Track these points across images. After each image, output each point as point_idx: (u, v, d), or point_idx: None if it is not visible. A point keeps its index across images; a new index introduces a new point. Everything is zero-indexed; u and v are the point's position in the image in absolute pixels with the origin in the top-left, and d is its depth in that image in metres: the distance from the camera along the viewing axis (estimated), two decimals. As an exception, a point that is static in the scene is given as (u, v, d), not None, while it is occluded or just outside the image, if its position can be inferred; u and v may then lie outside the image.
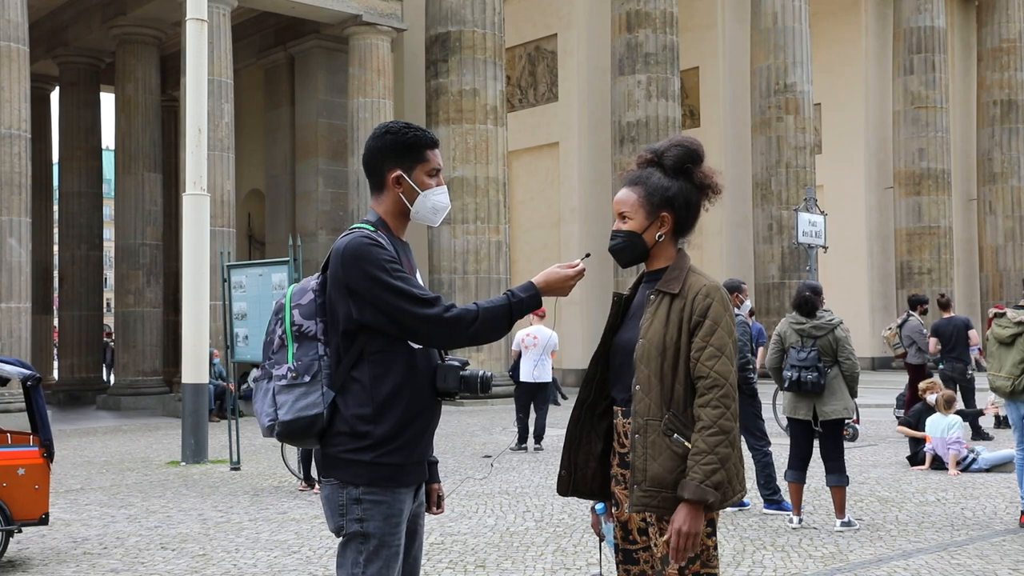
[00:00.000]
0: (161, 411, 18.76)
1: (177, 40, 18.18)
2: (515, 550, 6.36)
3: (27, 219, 15.40)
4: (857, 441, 11.63)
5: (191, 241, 11.78)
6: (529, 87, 25.33)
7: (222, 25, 17.65)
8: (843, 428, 7.20)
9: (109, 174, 28.57)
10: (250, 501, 8.57)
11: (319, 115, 21.92)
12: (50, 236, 26.53)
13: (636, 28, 21.07)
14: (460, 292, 18.68)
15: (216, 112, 16.84)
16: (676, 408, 2.70)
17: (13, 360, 6.69)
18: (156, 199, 21.28)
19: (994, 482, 8.83)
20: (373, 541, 2.75)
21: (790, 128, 22.85)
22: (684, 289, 2.77)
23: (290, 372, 2.77)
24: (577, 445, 2.93)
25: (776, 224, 22.81)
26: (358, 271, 2.73)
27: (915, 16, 26.66)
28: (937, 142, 26.63)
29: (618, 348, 2.88)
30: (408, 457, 2.79)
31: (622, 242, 2.87)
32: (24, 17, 15.46)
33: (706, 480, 2.60)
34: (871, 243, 27.80)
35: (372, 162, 2.91)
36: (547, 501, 8.14)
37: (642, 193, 2.84)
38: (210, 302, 12.25)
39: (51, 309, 26.72)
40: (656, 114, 20.93)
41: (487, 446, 12.08)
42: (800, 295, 7.13)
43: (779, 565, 5.85)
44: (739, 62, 24.73)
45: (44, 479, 6.24)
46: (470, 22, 19.03)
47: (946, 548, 6.26)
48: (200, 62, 12.01)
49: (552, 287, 2.86)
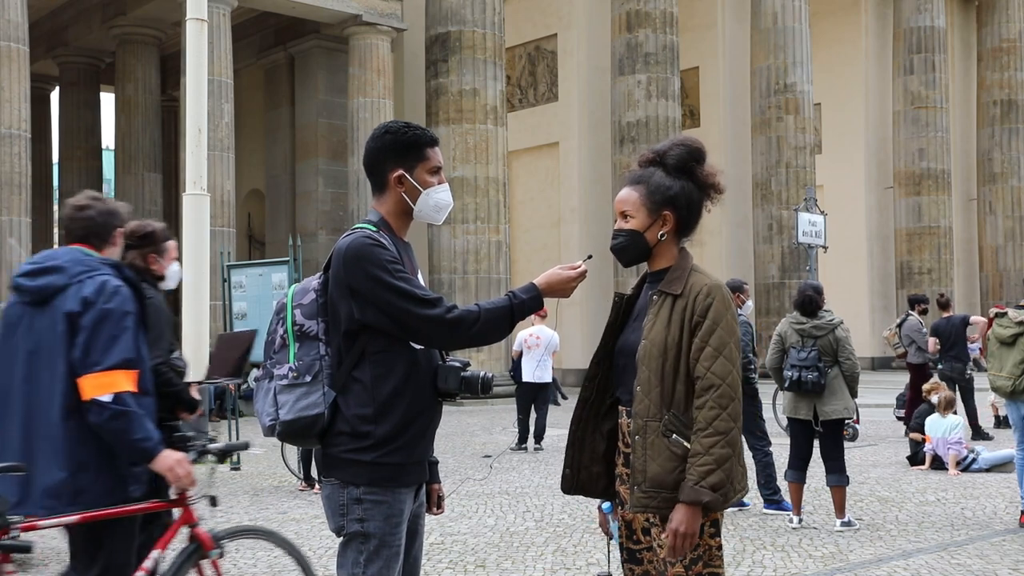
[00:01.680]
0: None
1: (177, 40, 18.18)
2: (515, 550, 6.36)
3: (27, 219, 15.40)
4: (857, 441, 11.63)
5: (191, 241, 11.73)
6: (529, 87, 25.33)
7: (222, 25, 17.66)
8: (843, 428, 7.20)
9: (109, 174, 28.55)
10: (250, 501, 8.57)
11: (319, 115, 21.92)
12: (50, 236, 26.52)
13: (636, 28, 21.06)
14: (460, 292, 18.68)
15: (216, 112, 16.84)
16: (677, 408, 2.70)
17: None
18: (156, 199, 21.29)
19: (994, 482, 8.83)
20: (374, 541, 2.76)
21: (790, 128, 22.85)
22: (686, 289, 2.78)
23: (291, 372, 2.78)
24: (581, 444, 2.93)
25: (776, 224, 22.81)
26: (360, 271, 2.73)
27: (915, 16, 26.66)
28: (937, 142, 26.62)
29: (622, 349, 2.89)
30: (409, 457, 2.80)
31: (624, 241, 2.87)
32: (24, 17, 15.47)
33: (701, 481, 2.61)
34: (871, 243, 27.80)
35: (373, 162, 2.91)
36: (547, 501, 8.14)
37: (644, 192, 2.85)
38: (210, 302, 12.24)
39: (51, 309, 26.69)
40: (656, 114, 20.93)
41: (487, 446, 12.08)
42: (802, 295, 7.13)
43: (779, 565, 5.85)
44: (739, 62, 24.73)
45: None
46: (470, 22, 19.03)
47: (946, 548, 6.27)
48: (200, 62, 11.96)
49: (554, 288, 2.86)
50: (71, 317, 3.16)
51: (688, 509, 2.62)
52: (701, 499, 2.60)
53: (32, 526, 3.05)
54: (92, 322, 3.13)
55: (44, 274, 3.26)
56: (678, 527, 2.62)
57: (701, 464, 2.62)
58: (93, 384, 3.06)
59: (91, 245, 3.40)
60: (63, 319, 3.17)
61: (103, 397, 3.06)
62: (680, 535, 2.62)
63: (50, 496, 3.11)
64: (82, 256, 3.31)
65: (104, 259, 3.35)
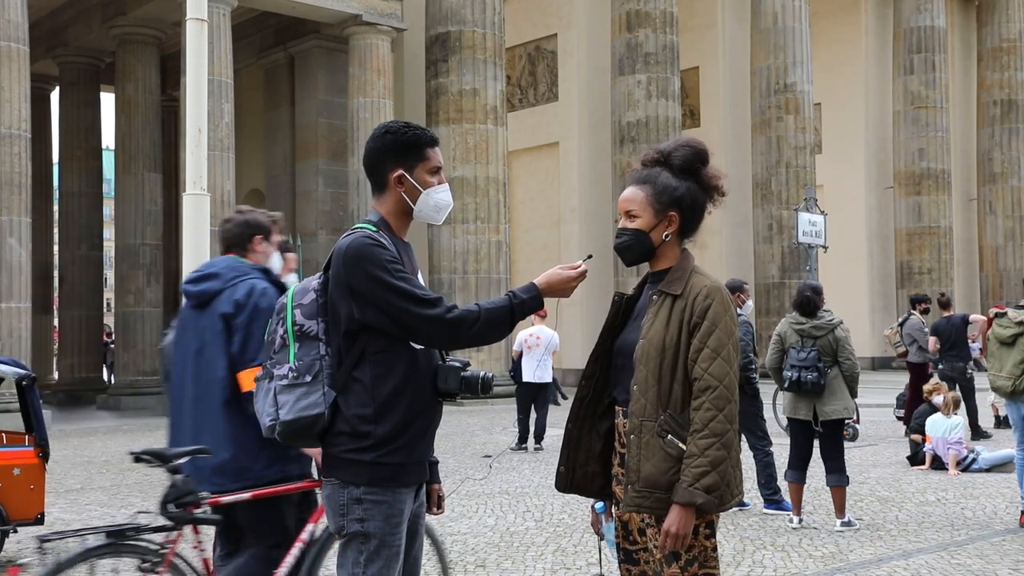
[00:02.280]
0: (161, 411, 18.72)
1: (177, 40, 18.18)
2: (515, 550, 6.36)
3: (27, 219, 15.40)
4: (857, 441, 11.63)
5: (191, 241, 11.73)
6: (529, 87, 25.33)
7: (222, 25, 17.65)
8: (843, 428, 7.20)
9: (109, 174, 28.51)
10: (250, 501, 8.57)
11: (319, 115, 21.91)
12: (50, 236, 26.53)
13: (636, 28, 21.06)
14: (460, 292, 18.67)
15: (216, 112, 16.83)
16: (674, 409, 2.71)
17: (8, 360, 6.67)
18: (156, 199, 21.27)
19: (994, 482, 8.83)
20: (374, 541, 2.76)
21: (790, 128, 22.84)
22: (686, 290, 2.78)
23: (291, 372, 2.78)
24: (577, 443, 2.93)
25: (776, 224, 22.81)
26: (360, 271, 2.73)
27: (915, 16, 26.65)
28: (937, 142, 26.62)
29: (621, 349, 2.89)
30: (409, 457, 2.80)
31: (629, 240, 2.87)
32: (24, 17, 15.46)
33: (695, 483, 2.61)
34: (871, 243, 27.80)
35: (373, 163, 2.91)
36: (547, 501, 8.14)
37: (650, 192, 2.85)
38: (210, 302, 12.25)
39: (51, 309, 26.71)
40: (656, 114, 20.92)
41: (487, 446, 12.08)
42: (801, 295, 7.13)
43: (779, 565, 5.85)
44: (739, 62, 24.73)
45: (39, 479, 6.21)
46: (470, 22, 19.03)
47: (946, 548, 6.27)
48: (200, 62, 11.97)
49: (554, 288, 2.87)
50: (226, 318, 3.63)
51: (682, 510, 2.63)
52: (695, 501, 2.61)
53: (216, 501, 3.48)
54: (245, 322, 3.60)
55: (203, 280, 3.75)
56: (671, 528, 2.63)
57: (696, 466, 2.62)
58: (250, 378, 3.43)
59: (235, 253, 3.88)
60: (220, 320, 3.63)
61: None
62: (673, 536, 2.63)
63: (218, 475, 3.57)
64: (235, 263, 3.80)
65: (254, 265, 3.82)
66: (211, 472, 3.56)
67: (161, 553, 3.22)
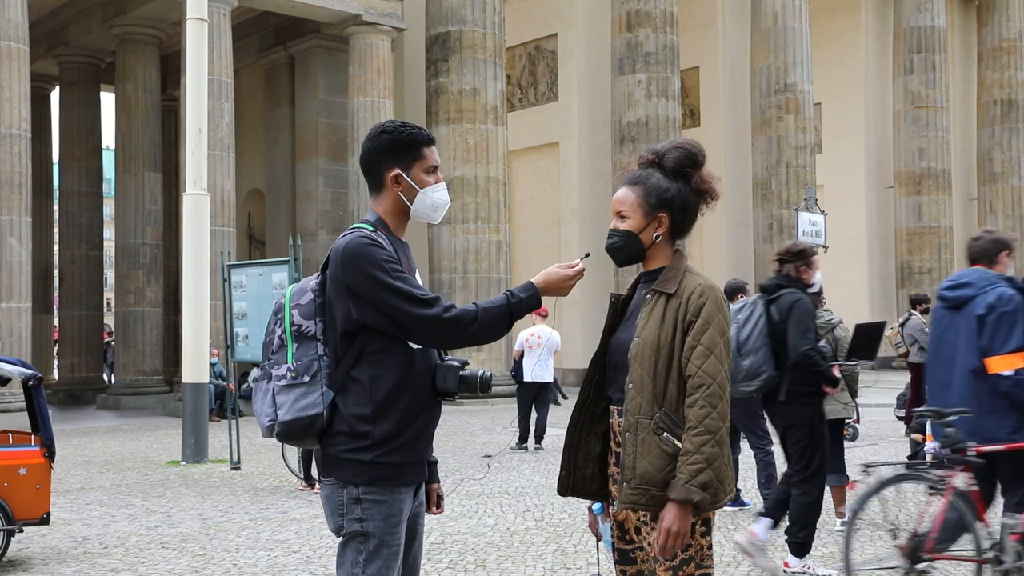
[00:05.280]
0: (161, 411, 18.77)
1: (177, 40, 18.18)
2: (515, 550, 6.36)
3: (27, 219, 15.40)
4: (857, 441, 11.63)
5: (191, 241, 11.78)
6: (529, 87, 25.33)
7: (222, 25, 17.65)
8: (843, 428, 7.19)
9: (109, 174, 28.55)
10: (250, 501, 8.58)
11: (319, 115, 21.92)
12: (50, 236, 26.52)
13: (636, 28, 21.06)
14: (460, 292, 18.68)
15: (216, 112, 16.83)
16: (669, 407, 2.71)
17: (14, 360, 6.69)
18: (156, 199, 21.28)
19: (994, 482, 8.81)
20: (373, 541, 2.75)
21: (790, 128, 22.83)
22: (680, 289, 2.78)
23: (290, 372, 2.77)
24: (576, 447, 2.94)
25: (776, 224, 22.79)
26: (357, 271, 2.73)
27: (915, 16, 26.66)
28: (937, 142, 26.62)
29: (615, 348, 2.89)
30: (408, 457, 2.79)
31: (619, 241, 2.88)
32: (24, 17, 15.46)
33: (691, 480, 2.62)
34: (871, 243, 27.80)
35: (370, 162, 2.91)
36: (547, 501, 8.14)
37: (640, 193, 2.86)
38: (210, 302, 12.26)
39: (51, 309, 26.72)
40: (656, 114, 20.92)
41: (487, 446, 12.08)
42: (801, 295, 7.12)
43: (779, 565, 5.85)
44: (739, 62, 24.73)
45: (45, 479, 6.24)
46: (470, 22, 19.03)
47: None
48: (200, 62, 12.01)
49: (552, 287, 2.86)
50: (979, 318, 4.65)
51: (679, 508, 2.63)
52: (691, 498, 2.61)
53: (979, 450, 4.55)
54: (994, 320, 4.61)
55: (959, 288, 4.81)
56: (670, 526, 2.63)
57: (692, 463, 2.63)
58: (997, 363, 4.56)
59: (983, 265, 4.88)
60: (974, 319, 4.67)
61: (1006, 372, 4.54)
62: (672, 534, 2.63)
63: (967, 433, 4.58)
64: (983, 273, 4.81)
65: (999, 275, 4.80)
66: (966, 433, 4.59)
67: (944, 482, 4.47)
